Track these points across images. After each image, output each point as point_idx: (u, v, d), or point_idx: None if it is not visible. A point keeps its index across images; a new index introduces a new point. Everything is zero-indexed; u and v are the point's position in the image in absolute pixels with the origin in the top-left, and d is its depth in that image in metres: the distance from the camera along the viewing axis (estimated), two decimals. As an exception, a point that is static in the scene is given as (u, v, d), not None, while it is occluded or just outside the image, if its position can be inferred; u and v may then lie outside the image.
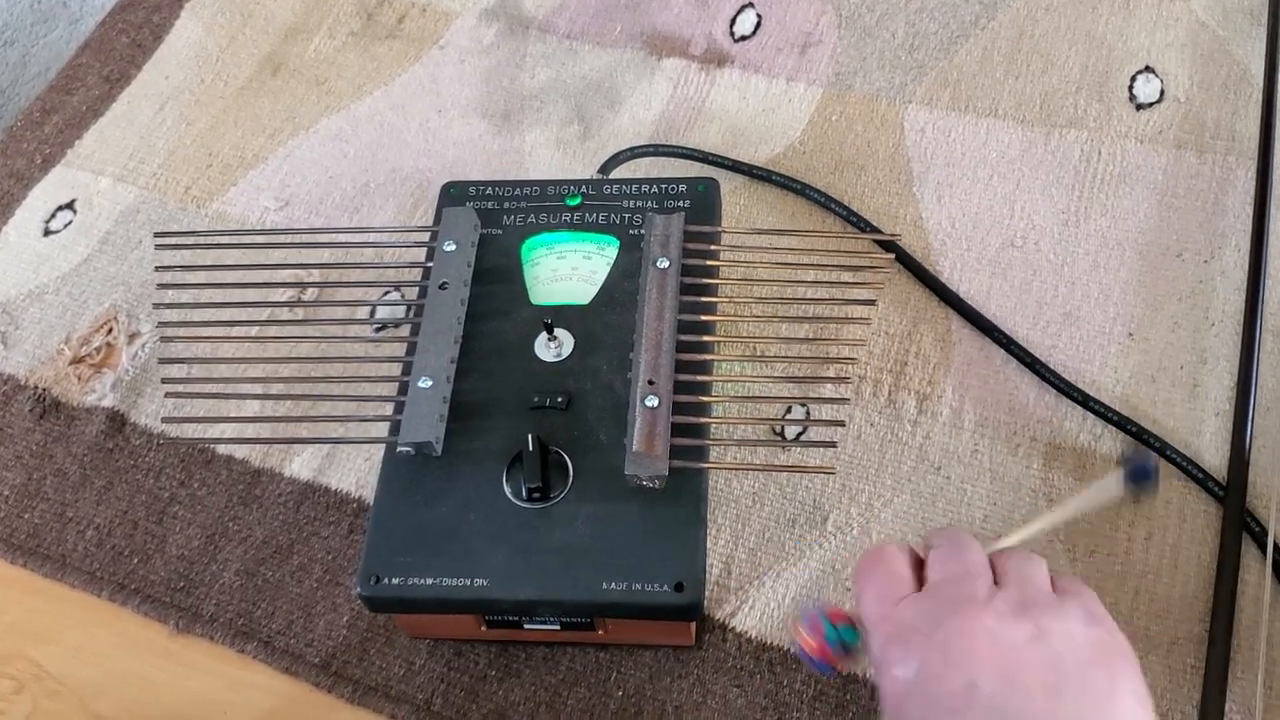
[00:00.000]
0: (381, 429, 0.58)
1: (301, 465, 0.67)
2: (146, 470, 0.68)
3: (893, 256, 0.67)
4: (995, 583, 0.45)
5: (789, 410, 0.65)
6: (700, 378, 0.57)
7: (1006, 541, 0.48)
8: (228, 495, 0.67)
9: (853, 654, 0.46)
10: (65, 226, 0.79)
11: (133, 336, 0.73)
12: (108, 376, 0.72)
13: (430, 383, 0.57)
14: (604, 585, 0.53)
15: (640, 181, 0.66)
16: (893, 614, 0.42)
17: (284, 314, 0.70)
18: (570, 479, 0.56)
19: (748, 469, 0.63)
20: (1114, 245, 0.70)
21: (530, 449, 0.54)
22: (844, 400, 0.58)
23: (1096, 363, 0.66)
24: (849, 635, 0.46)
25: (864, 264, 0.61)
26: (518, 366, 0.60)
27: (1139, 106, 0.76)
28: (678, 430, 0.55)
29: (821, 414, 0.64)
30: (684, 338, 0.58)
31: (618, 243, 0.64)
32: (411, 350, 0.59)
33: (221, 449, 0.68)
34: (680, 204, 0.65)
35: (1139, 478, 0.48)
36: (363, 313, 0.71)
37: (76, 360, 0.73)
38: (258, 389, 0.67)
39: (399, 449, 0.56)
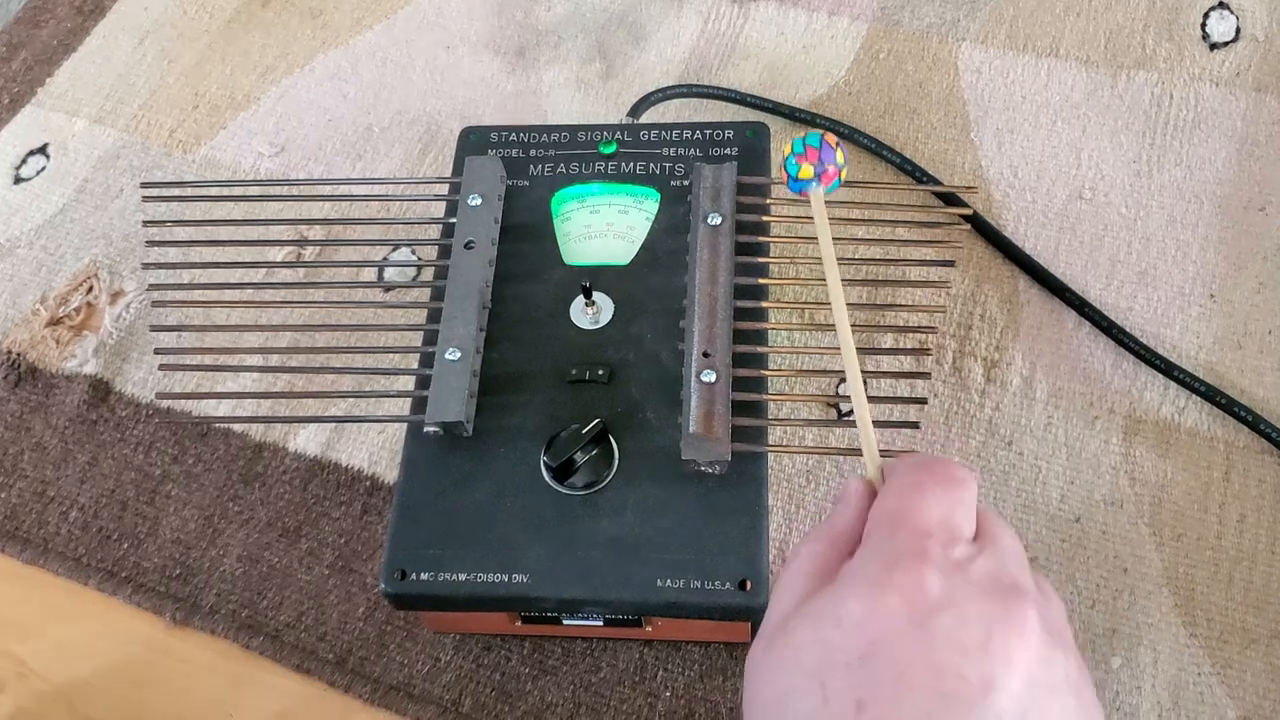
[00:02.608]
0: (402, 406, 0.52)
1: (308, 439, 0.61)
2: (135, 444, 0.62)
3: (969, 211, 0.61)
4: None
5: (866, 388, 0.59)
6: (760, 349, 0.52)
7: (872, 469, 0.40)
8: (227, 472, 0.61)
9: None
10: (38, 173, 0.72)
11: (116, 295, 0.67)
12: (89, 340, 0.65)
13: (458, 354, 0.51)
14: (658, 583, 0.47)
15: (681, 126, 0.60)
16: (950, 546, 0.34)
17: (283, 274, 0.63)
18: (616, 462, 0.50)
19: (819, 453, 0.57)
20: (1190, 198, 0.65)
21: (584, 432, 0.49)
22: (925, 375, 0.52)
23: (1176, 326, 0.61)
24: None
25: (935, 220, 0.55)
26: (552, 335, 0.54)
27: (1213, 46, 0.70)
28: (737, 409, 0.50)
29: (897, 390, 0.58)
30: (741, 303, 0.52)
31: (658, 195, 0.58)
32: (434, 317, 0.53)
33: (220, 417, 0.62)
34: (727, 151, 0.59)
35: None
36: (369, 273, 0.64)
37: (54, 322, 0.66)
38: (258, 360, 0.61)
39: (425, 429, 0.50)
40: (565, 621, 0.51)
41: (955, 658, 0.31)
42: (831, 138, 0.46)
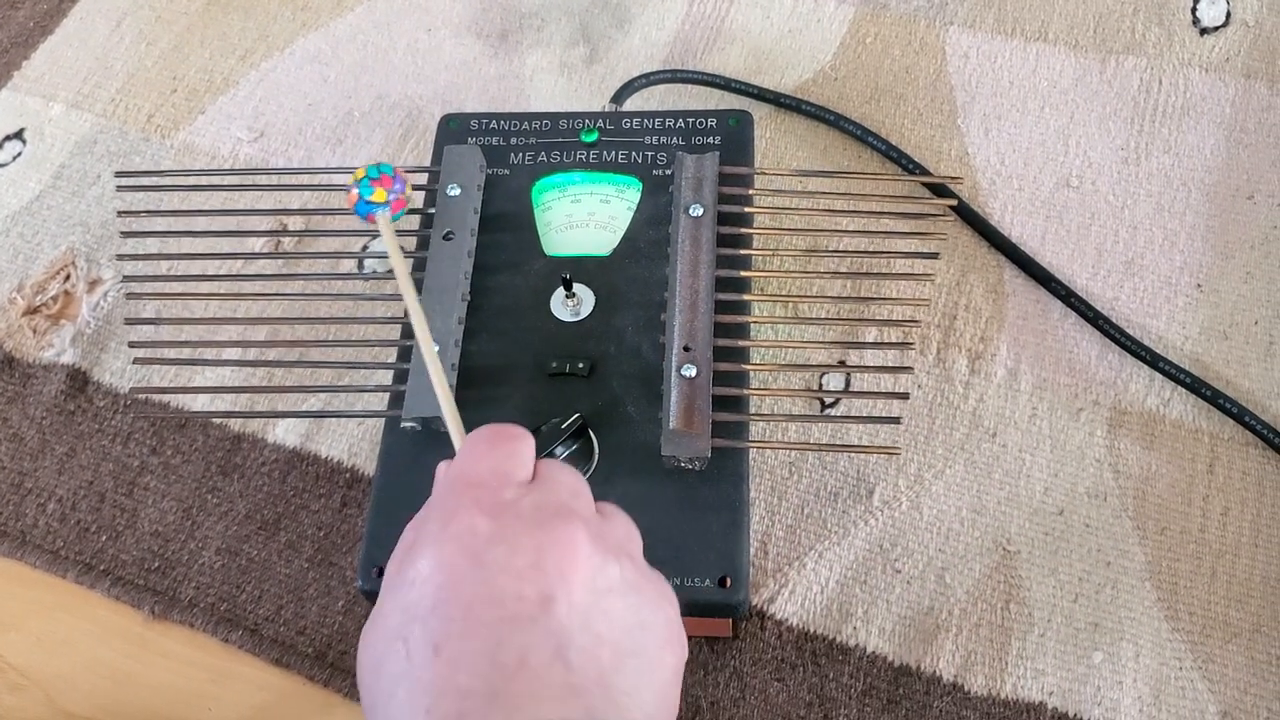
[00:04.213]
0: (380, 401, 0.51)
1: (287, 431, 0.60)
2: (113, 435, 0.61)
3: (954, 203, 0.61)
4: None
5: (848, 382, 0.58)
6: (742, 343, 0.51)
7: (457, 444, 0.42)
8: (205, 464, 0.60)
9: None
10: (14, 159, 0.71)
11: (93, 284, 0.66)
12: (66, 329, 0.64)
13: (436, 348, 0.51)
14: (638, 580, 0.47)
15: (663, 114, 0.59)
16: (499, 490, 0.37)
17: (261, 263, 0.62)
18: (596, 457, 0.50)
19: (800, 448, 0.57)
20: (1178, 185, 0.64)
21: (564, 426, 0.48)
22: (908, 370, 0.51)
23: (1163, 317, 0.60)
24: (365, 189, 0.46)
25: (921, 210, 0.55)
26: (532, 327, 0.53)
27: (1203, 31, 0.69)
28: (718, 404, 0.49)
29: (880, 384, 0.57)
30: (722, 296, 0.51)
31: (640, 184, 0.57)
32: (413, 310, 0.53)
33: (197, 412, 0.61)
34: (710, 140, 0.58)
35: None
36: (348, 263, 0.63)
37: (31, 311, 0.65)
38: (236, 352, 0.60)
39: (403, 424, 0.50)
40: (545, 616, 0.51)
41: (512, 583, 0.34)
42: (400, 171, 0.48)
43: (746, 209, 0.54)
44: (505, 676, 0.33)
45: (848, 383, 0.59)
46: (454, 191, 0.55)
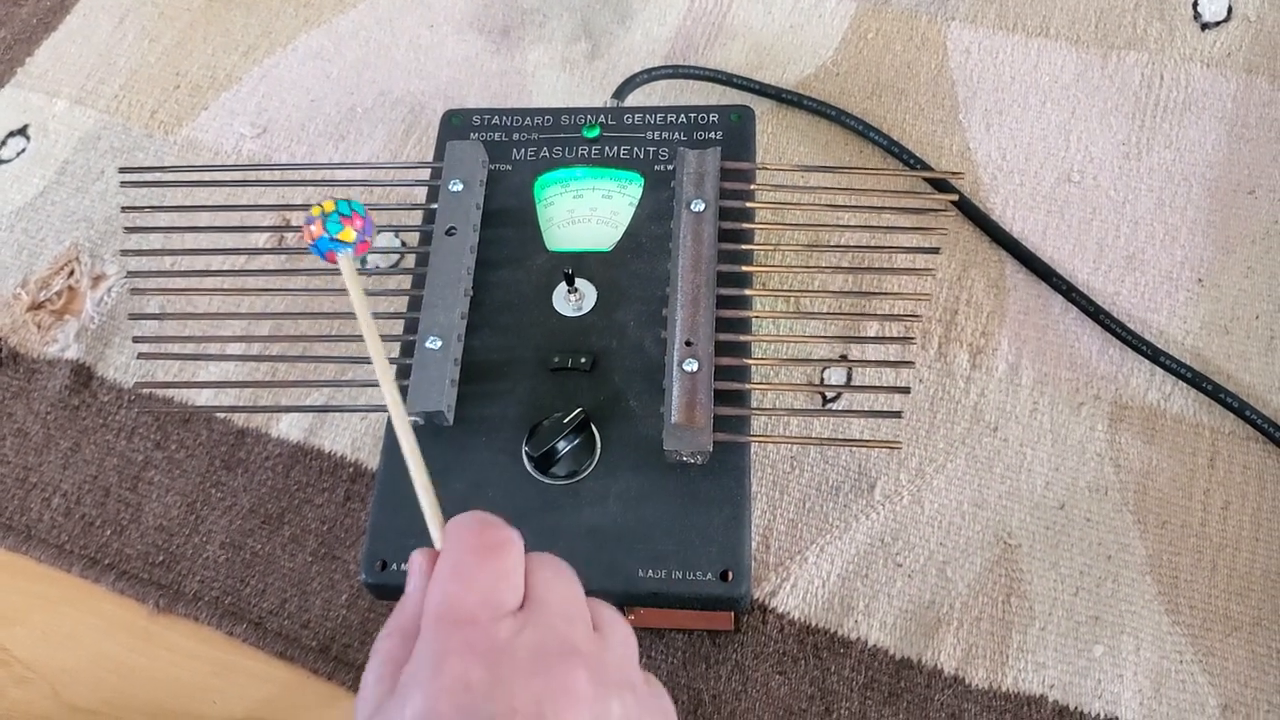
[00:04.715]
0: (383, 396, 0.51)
1: (290, 425, 0.61)
2: (118, 430, 0.62)
3: (955, 198, 0.61)
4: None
5: (849, 376, 0.58)
6: (743, 337, 0.51)
7: (434, 532, 0.39)
8: (209, 458, 0.60)
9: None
10: (18, 155, 0.72)
11: (97, 279, 0.66)
12: (71, 324, 0.65)
13: (439, 343, 0.51)
14: (640, 573, 0.47)
15: (665, 110, 0.59)
16: (492, 629, 0.34)
17: (265, 258, 0.63)
18: (598, 452, 0.50)
19: (802, 443, 0.57)
20: (1180, 181, 0.64)
21: (566, 421, 0.48)
22: (909, 364, 0.52)
23: (1164, 312, 0.60)
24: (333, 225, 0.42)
25: (922, 205, 0.55)
26: (534, 322, 0.53)
27: (1204, 26, 0.69)
28: (720, 398, 0.49)
29: (881, 378, 0.58)
30: (724, 291, 0.52)
31: (642, 180, 0.57)
32: (415, 305, 0.53)
33: (201, 406, 0.61)
34: (712, 135, 0.58)
35: None
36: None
37: (35, 306, 0.66)
38: (240, 347, 0.61)
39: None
40: (548, 610, 0.51)
41: None
42: (369, 214, 0.44)
43: (748, 204, 0.54)
44: None
45: (849, 377, 0.59)
46: (456, 187, 0.55)
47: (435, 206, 0.55)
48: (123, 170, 0.58)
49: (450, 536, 0.36)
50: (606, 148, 0.58)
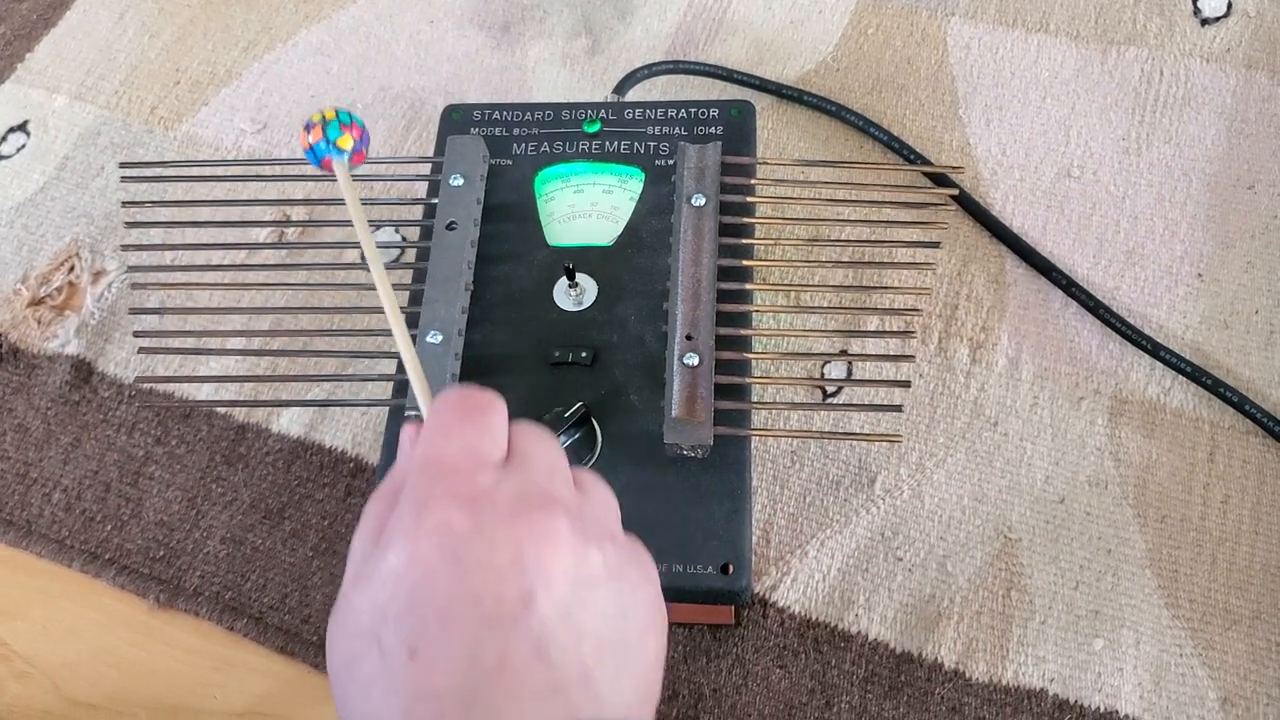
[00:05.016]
0: (384, 390, 0.51)
1: (291, 420, 0.61)
2: (118, 425, 0.62)
3: (955, 193, 0.61)
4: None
5: (850, 371, 0.59)
6: (744, 331, 0.51)
7: (423, 406, 0.40)
8: (210, 453, 0.60)
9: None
10: (18, 151, 0.72)
11: (97, 275, 0.66)
12: (71, 320, 0.65)
13: (440, 337, 0.51)
14: (641, 567, 0.47)
15: (666, 105, 0.59)
16: (474, 476, 0.34)
17: (265, 253, 0.63)
18: (599, 446, 0.50)
19: (802, 437, 0.57)
20: (1179, 176, 0.64)
21: (567, 415, 0.48)
22: (909, 358, 0.52)
23: (1164, 306, 0.60)
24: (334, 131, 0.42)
25: (922, 201, 0.55)
26: (535, 317, 0.54)
27: (1204, 21, 0.69)
28: (721, 392, 0.49)
29: (881, 373, 0.58)
30: (724, 285, 0.52)
31: (642, 174, 0.57)
32: (416, 300, 0.53)
33: (202, 401, 0.61)
34: (712, 130, 0.58)
35: None
36: (352, 253, 0.64)
37: (35, 302, 0.66)
38: (240, 342, 0.61)
39: (407, 413, 0.50)
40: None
41: (491, 582, 0.32)
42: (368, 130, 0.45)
43: (749, 199, 0.54)
44: (485, 678, 0.32)
45: (849, 371, 0.59)
46: (457, 182, 0.55)
47: (436, 201, 0.55)
48: (123, 166, 0.58)
49: (436, 403, 0.37)
50: (607, 143, 0.58)
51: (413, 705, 0.32)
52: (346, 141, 0.43)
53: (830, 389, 0.59)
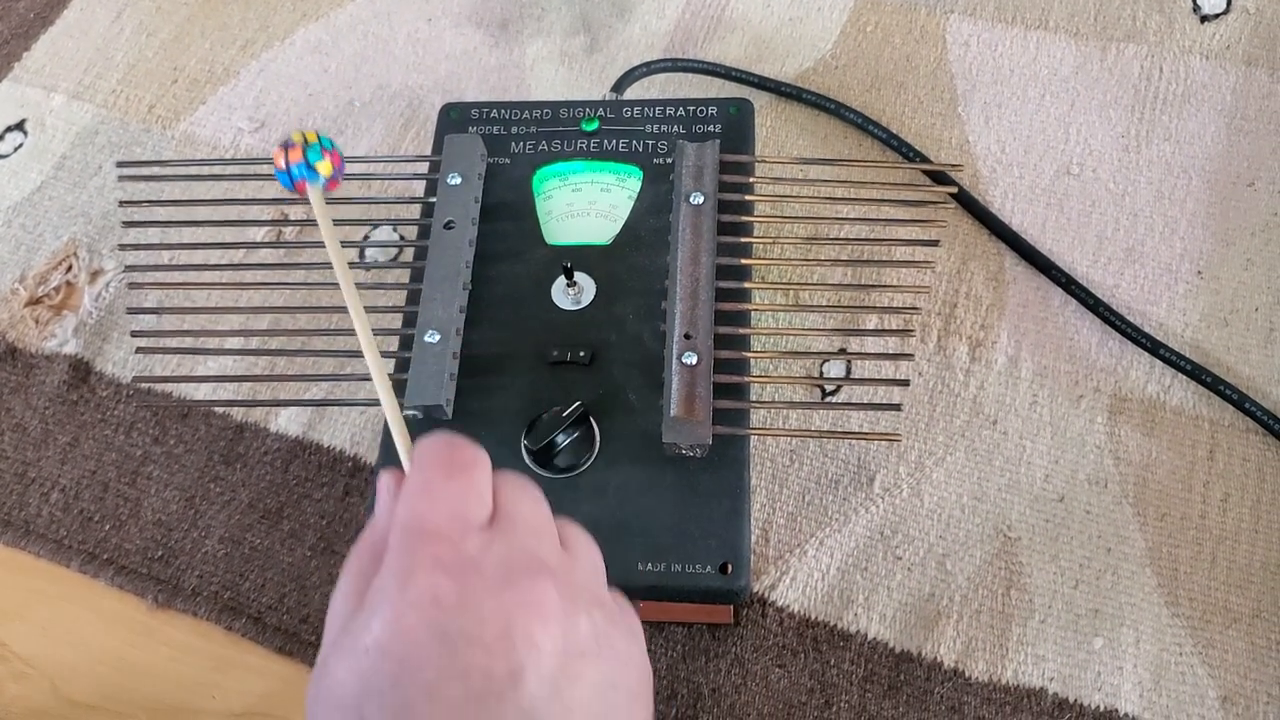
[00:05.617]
0: (382, 388, 0.51)
1: (289, 420, 0.61)
2: (116, 425, 0.62)
3: (954, 191, 0.61)
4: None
5: (849, 369, 0.58)
6: (742, 330, 0.51)
7: (403, 456, 0.39)
8: (208, 453, 0.60)
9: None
10: (15, 150, 0.71)
11: (95, 274, 0.66)
12: (69, 319, 0.65)
13: (438, 337, 0.51)
14: (639, 566, 0.47)
15: (664, 103, 0.59)
16: (460, 543, 0.33)
17: (263, 253, 0.63)
18: (597, 445, 0.50)
19: (801, 435, 0.57)
20: (1179, 173, 0.64)
21: (565, 415, 0.48)
22: (908, 357, 0.51)
23: (1163, 304, 0.60)
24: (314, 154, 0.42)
25: (921, 198, 0.55)
26: (533, 316, 0.53)
27: (1204, 18, 0.69)
28: (719, 391, 0.49)
29: (880, 371, 0.58)
30: (723, 284, 0.52)
31: (640, 173, 0.57)
32: (414, 299, 0.53)
33: (200, 401, 0.61)
34: (710, 128, 0.58)
35: None
36: (351, 253, 0.64)
37: (33, 301, 0.65)
38: (238, 341, 0.60)
39: (404, 413, 0.50)
40: (547, 603, 0.51)
41: (479, 658, 0.31)
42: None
43: (747, 197, 0.54)
44: None
45: (848, 370, 0.59)
46: (455, 180, 0.55)
47: (433, 200, 0.55)
48: (120, 165, 0.57)
49: (418, 455, 0.35)
50: (605, 141, 0.58)
51: None
52: (326, 167, 0.42)
53: (829, 388, 0.59)
